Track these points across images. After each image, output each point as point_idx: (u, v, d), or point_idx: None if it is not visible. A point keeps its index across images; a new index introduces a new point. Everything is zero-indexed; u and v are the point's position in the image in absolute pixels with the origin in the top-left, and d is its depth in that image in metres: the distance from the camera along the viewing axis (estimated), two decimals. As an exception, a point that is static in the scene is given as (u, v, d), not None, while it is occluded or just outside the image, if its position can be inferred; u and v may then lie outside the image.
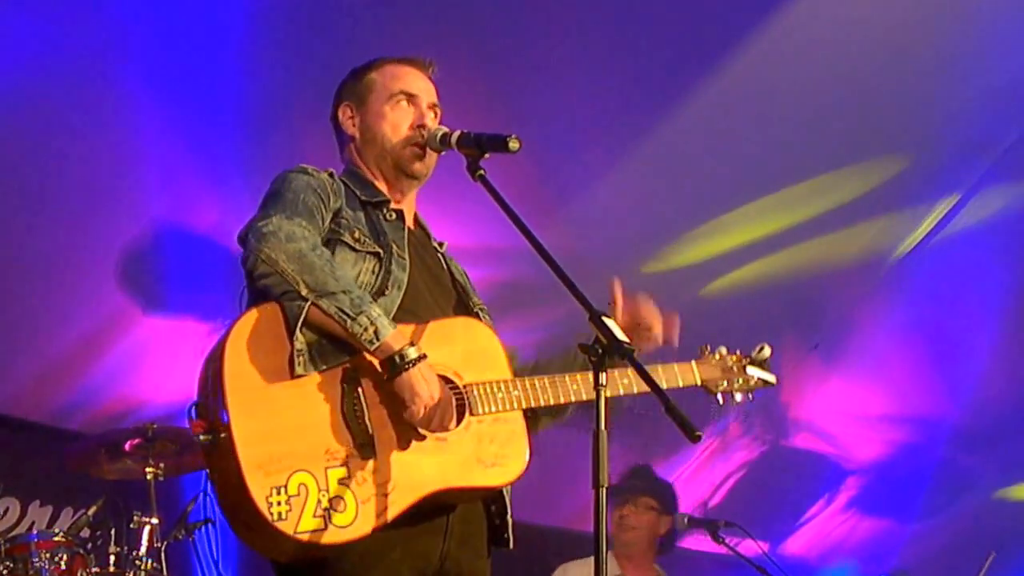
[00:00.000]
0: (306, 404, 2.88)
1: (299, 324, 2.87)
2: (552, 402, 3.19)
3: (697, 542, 8.20)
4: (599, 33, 5.62)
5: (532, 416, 3.25)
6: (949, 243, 6.97)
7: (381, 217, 3.27)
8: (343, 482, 2.84)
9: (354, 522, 2.84)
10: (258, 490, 2.77)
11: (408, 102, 3.36)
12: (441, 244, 3.50)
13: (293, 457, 2.82)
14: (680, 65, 5.80)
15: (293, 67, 5.39)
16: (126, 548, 5.30)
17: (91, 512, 5.35)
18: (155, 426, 5.39)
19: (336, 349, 2.92)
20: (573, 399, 3.23)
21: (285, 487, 2.79)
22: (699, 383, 3.54)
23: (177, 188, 5.81)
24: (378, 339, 2.87)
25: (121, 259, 6.05)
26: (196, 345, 6.22)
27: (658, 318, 3.37)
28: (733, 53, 5.73)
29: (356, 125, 3.39)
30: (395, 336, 2.90)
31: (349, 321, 2.87)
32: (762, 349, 3.62)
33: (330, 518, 2.81)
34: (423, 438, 2.98)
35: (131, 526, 5.29)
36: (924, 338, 7.60)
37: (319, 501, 2.81)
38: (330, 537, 2.81)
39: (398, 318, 3.07)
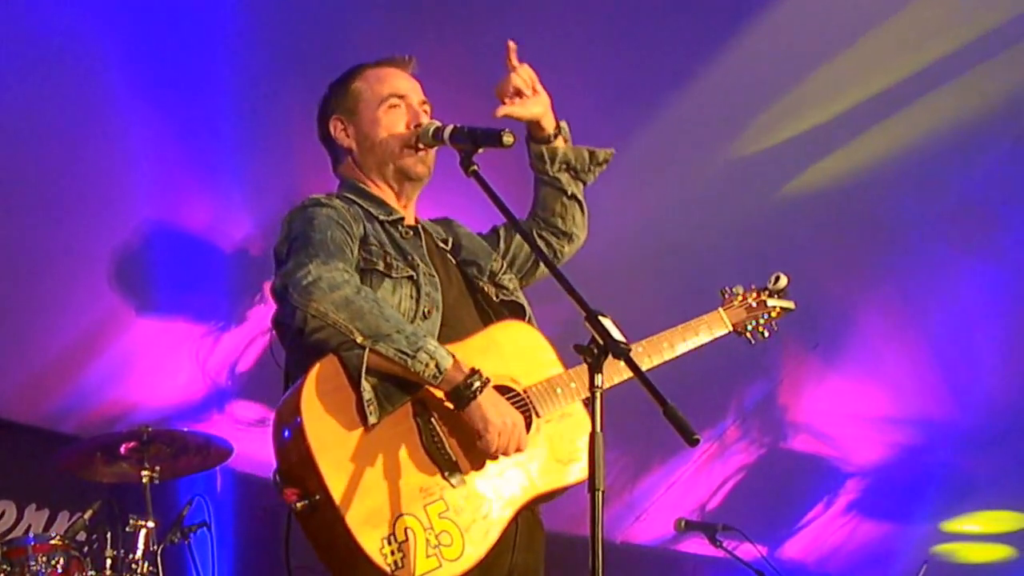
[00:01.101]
0: (388, 448, 2.91)
1: (363, 373, 2.88)
2: (607, 385, 3.14)
3: (695, 546, 8.21)
4: (595, 27, 5.61)
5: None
6: (950, 242, 6.96)
7: (400, 235, 3.27)
8: (444, 516, 2.90)
9: (464, 552, 2.89)
10: (371, 545, 2.80)
11: (399, 103, 3.34)
12: (447, 241, 3.47)
13: (393, 504, 2.86)
14: (675, 61, 5.80)
15: (285, 66, 5.38)
16: (122, 551, 5.27)
17: (87, 516, 5.31)
18: (150, 429, 5.35)
19: (400, 388, 2.94)
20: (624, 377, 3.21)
21: (394, 535, 2.83)
22: (730, 329, 3.65)
23: (169, 189, 5.80)
24: (440, 372, 2.89)
25: (113, 261, 6.03)
26: (190, 346, 6.23)
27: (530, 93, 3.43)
28: (728, 48, 5.72)
29: (351, 136, 3.36)
30: (455, 366, 2.91)
31: (409, 360, 2.87)
32: (778, 279, 3.73)
33: (442, 554, 2.86)
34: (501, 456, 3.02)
35: (127, 529, 5.26)
36: (923, 339, 7.58)
37: (428, 540, 2.85)
38: (447, 572, 2.85)
39: (441, 336, 3.09)
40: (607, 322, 2.76)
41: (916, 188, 6.59)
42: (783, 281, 3.72)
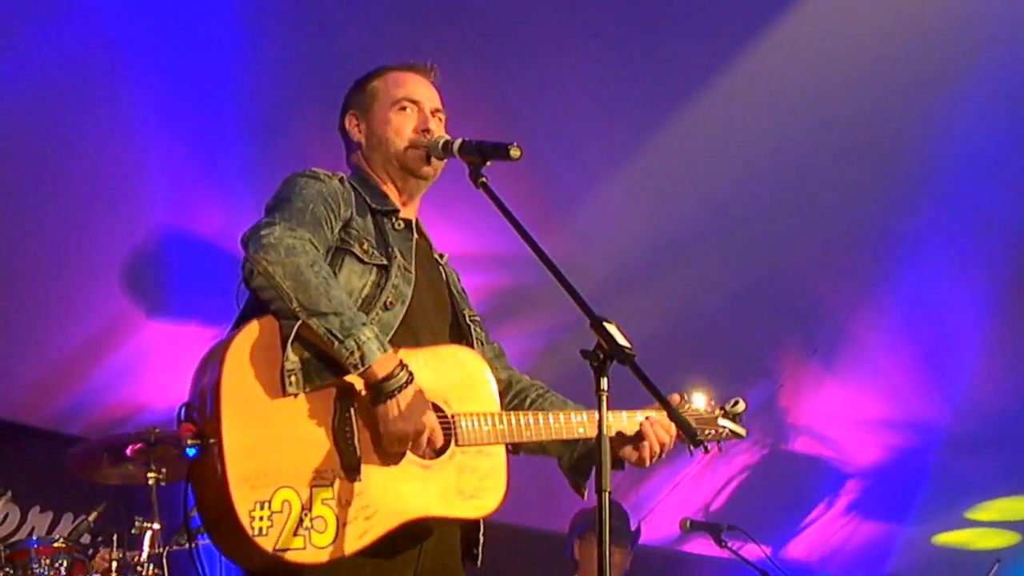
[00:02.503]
0: (299, 420, 2.89)
1: (289, 342, 2.88)
2: (535, 439, 3.22)
3: (699, 546, 8.23)
4: (600, 40, 5.62)
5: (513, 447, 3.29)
6: (945, 248, 6.98)
7: (390, 226, 3.28)
8: (326, 503, 2.85)
9: (332, 543, 2.84)
10: (242, 504, 2.78)
11: (411, 108, 3.37)
12: (442, 256, 3.50)
13: (280, 473, 2.83)
14: (683, 70, 5.81)
15: (296, 72, 5.41)
16: (127, 554, 5.29)
17: (92, 518, 5.33)
18: (157, 431, 5.37)
19: (329, 368, 2.93)
20: (555, 437, 3.26)
21: (269, 502, 2.79)
22: (674, 435, 3.49)
23: (180, 193, 5.81)
24: (363, 364, 2.87)
25: (124, 264, 6.06)
26: (199, 350, 6.23)
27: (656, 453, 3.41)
28: (735, 57, 5.73)
29: (362, 132, 3.41)
30: (382, 362, 2.90)
31: (336, 343, 2.87)
32: (737, 403, 3.66)
33: (309, 537, 2.81)
34: (408, 464, 2.99)
35: (132, 532, 5.28)
36: (921, 343, 7.60)
37: (301, 520, 2.81)
38: (307, 557, 2.81)
39: (399, 333, 3.09)
40: (612, 328, 2.77)
41: (911, 199, 6.62)
42: (741, 406, 3.66)
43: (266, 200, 3.17)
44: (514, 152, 3.09)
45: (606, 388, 2.73)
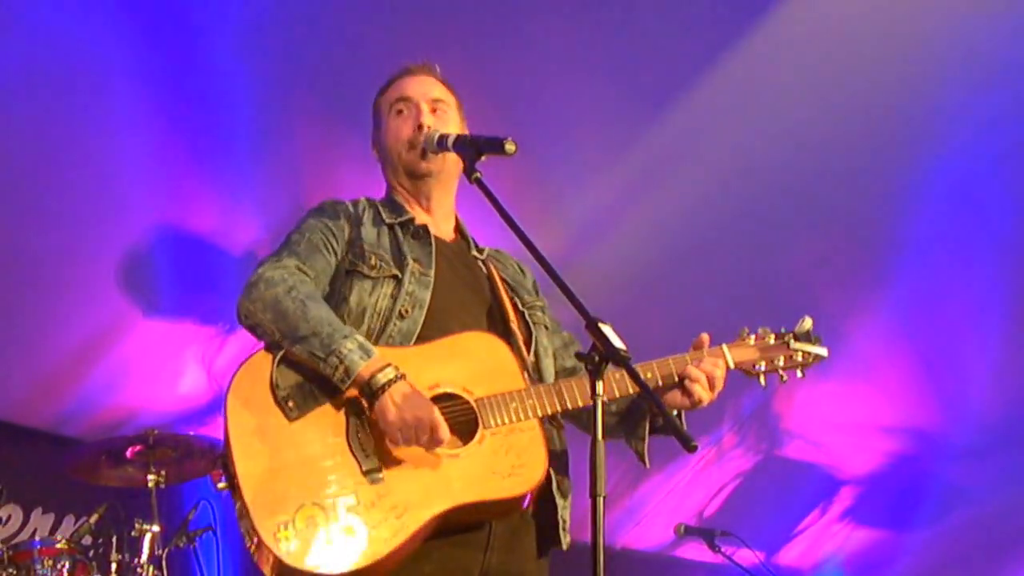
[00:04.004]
0: (310, 439, 2.95)
1: (272, 371, 2.97)
2: (561, 408, 3.14)
3: (693, 551, 8.24)
4: (594, 36, 5.63)
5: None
6: (944, 252, 6.99)
7: (408, 236, 3.29)
8: (352, 510, 2.88)
9: (366, 548, 2.87)
10: (265, 529, 2.84)
11: (406, 108, 3.40)
12: (482, 250, 3.48)
13: (298, 493, 2.89)
14: (676, 67, 5.81)
15: (293, 71, 5.39)
16: (128, 555, 5.32)
17: (93, 519, 5.33)
18: (156, 432, 5.40)
19: (324, 386, 2.98)
20: (580, 403, 3.16)
21: (292, 522, 2.85)
22: (732, 367, 3.33)
23: (176, 193, 5.82)
24: (348, 376, 2.92)
25: (120, 264, 6.06)
26: (196, 351, 6.25)
27: (706, 387, 3.24)
28: (728, 54, 5.74)
29: (379, 151, 3.48)
30: (367, 367, 2.93)
31: (321, 364, 2.93)
32: (803, 321, 3.41)
33: (344, 545, 2.85)
34: (434, 458, 2.99)
35: (132, 533, 5.30)
36: (917, 349, 7.61)
37: (327, 531, 2.86)
38: (343, 565, 2.84)
39: (423, 337, 3.12)
40: (607, 329, 2.76)
41: (909, 198, 6.64)
42: (808, 323, 3.40)
43: (261, 198, 3.23)
44: (509, 147, 3.08)
45: (602, 392, 2.71)
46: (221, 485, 2.96)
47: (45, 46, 5.18)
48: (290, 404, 2.95)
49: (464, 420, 3.07)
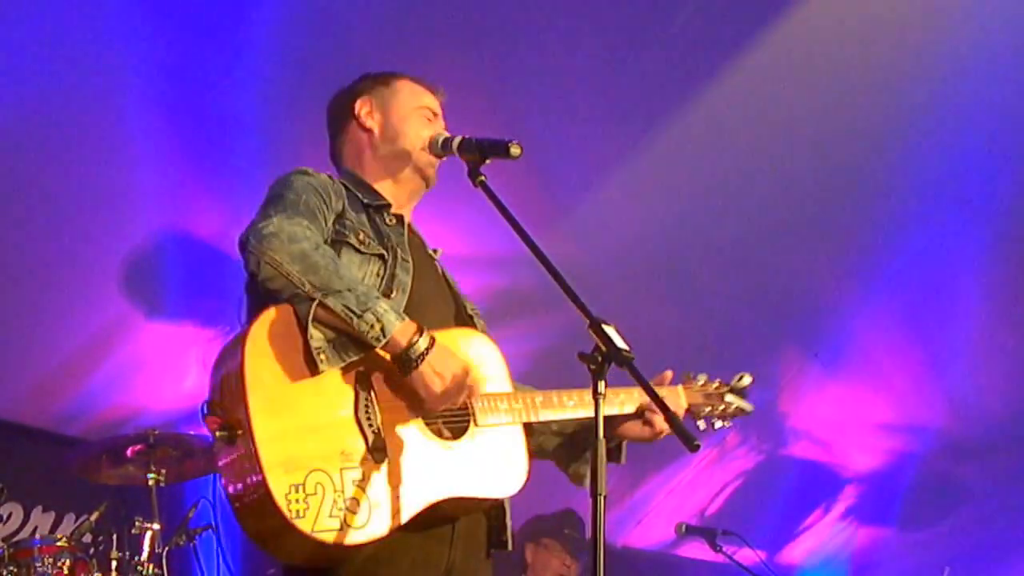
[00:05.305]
0: (322, 405, 2.89)
1: (309, 322, 2.87)
2: (546, 418, 3.22)
3: (694, 550, 8.23)
4: (601, 38, 5.62)
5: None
6: (945, 253, 6.98)
7: (383, 221, 3.28)
8: (358, 484, 2.84)
9: (368, 524, 2.83)
10: (278, 487, 2.76)
11: (432, 119, 3.41)
12: (435, 251, 3.51)
13: (311, 456, 2.82)
14: (683, 69, 5.80)
15: (294, 73, 5.40)
16: (128, 554, 5.32)
17: (93, 518, 5.33)
18: (157, 432, 5.40)
19: (349, 346, 2.92)
20: (568, 415, 3.28)
21: (303, 485, 2.78)
22: (685, 407, 3.59)
23: (178, 195, 5.81)
24: (384, 335, 2.88)
25: (123, 265, 6.05)
26: (198, 352, 6.25)
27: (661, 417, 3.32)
28: (736, 56, 5.73)
29: (376, 120, 3.41)
30: (402, 330, 2.90)
31: (355, 319, 2.86)
32: (742, 378, 3.67)
33: (345, 519, 2.80)
34: (432, 445, 3.00)
35: (133, 532, 5.30)
36: (922, 347, 7.60)
37: (335, 501, 2.80)
38: (345, 538, 2.80)
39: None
40: (610, 330, 2.76)
41: (908, 198, 6.63)
42: (746, 380, 3.67)
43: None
44: (514, 150, 3.08)
45: (604, 391, 2.71)
46: (220, 434, 2.85)
47: (48, 53, 5.17)
48: (321, 356, 2.87)
49: (456, 413, 3.07)
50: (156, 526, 5.32)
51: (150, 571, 5.26)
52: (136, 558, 5.28)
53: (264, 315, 2.91)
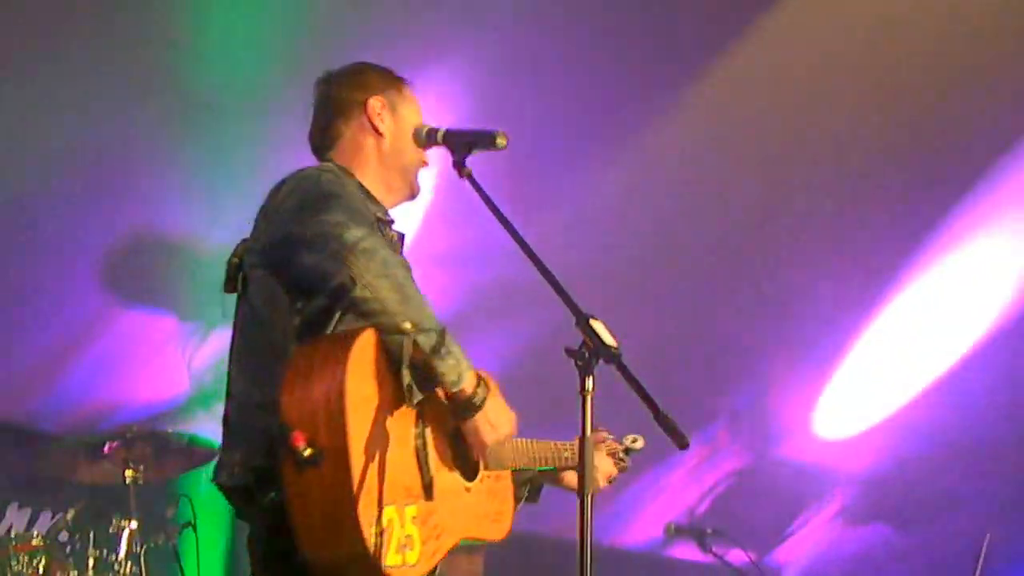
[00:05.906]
0: (395, 439, 2.85)
1: (406, 360, 2.81)
2: (541, 465, 3.39)
3: (684, 551, 8.19)
4: (588, 31, 5.63)
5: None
6: (945, 253, 6.98)
7: (383, 235, 3.15)
8: (414, 521, 2.86)
9: (418, 563, 2.86)
10: (366, 517, 2.70)
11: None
12: None
13: (385, 490, 2.78)
14: (670, 64, 5.84)
15: (276, 68, 5.36)
16: (105, 552, 5.30)
17: (70, 516, 5.35)
18: (134, 428, 5.40)
19: (428, 381, 2.88)
20: (554, 463, 3.47)
21: (379, 519, 2.75)
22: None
23: (157, 189, 5.78)
24: (461, 381, 2.86)
25: (100, 260, 6.03)
26: (175, 347, 6.23)
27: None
28: (724, 52, 5.76)
29: (387, 126, 3.27)
30: (471, 378, 2.89)
31: (439, 361, 2.82)
32: (636, 440, 3.82)
33: (405, 556, 2.82)
34: (460, 486, 3.05)
35: (110, 530, 5.30)
36: (915, 346, 7.59)
37: (398, 538, 2.81)
38: (402, 571, 2.80)
39: None
40: (598, 325, 2.73)
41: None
42: (639, 444, 3.84)
43: (246, 195, 3.09)
44: (500, 140, 3.05)
45: (591, 388, 2.69)
46: (308, 452, 2.70)
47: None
48: (410, 394, 2.83)
49: (464, 453, 3.08)
50: (134, 524, 5.31)
51: (128, 570, 5.28)
52: (113, 556, 5.27)
53: (364, 336, 2.81)
